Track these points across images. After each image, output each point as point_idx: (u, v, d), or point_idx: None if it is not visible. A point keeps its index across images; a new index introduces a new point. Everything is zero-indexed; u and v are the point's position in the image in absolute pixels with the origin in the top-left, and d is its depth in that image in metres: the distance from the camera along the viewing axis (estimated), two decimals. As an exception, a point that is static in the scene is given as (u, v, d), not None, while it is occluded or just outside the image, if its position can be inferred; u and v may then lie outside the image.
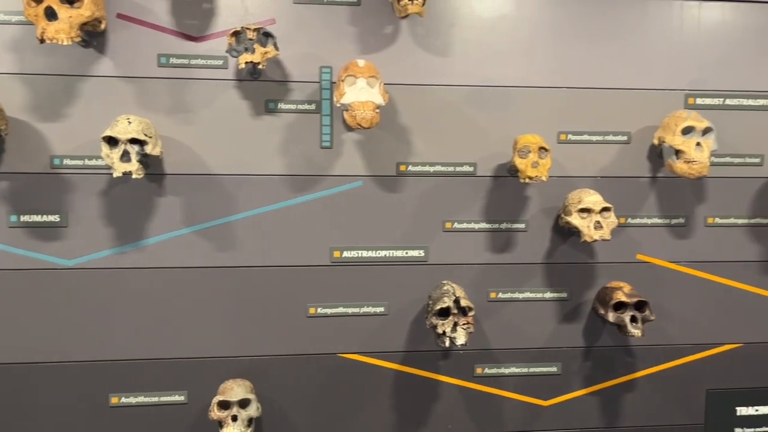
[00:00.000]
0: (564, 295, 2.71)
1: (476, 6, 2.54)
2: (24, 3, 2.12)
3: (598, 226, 2.42)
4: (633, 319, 2.51)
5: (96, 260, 2.46)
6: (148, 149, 2.24)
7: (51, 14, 2.10)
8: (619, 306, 2.54)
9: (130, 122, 2.21)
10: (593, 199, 2.45)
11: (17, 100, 2.35)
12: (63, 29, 2.09)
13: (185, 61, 2.42)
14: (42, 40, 2.10)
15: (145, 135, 2.23)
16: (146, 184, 2.45)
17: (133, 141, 2.21)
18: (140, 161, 2.22)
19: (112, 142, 2.20)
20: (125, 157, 2.20)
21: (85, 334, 2.50)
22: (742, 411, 2.85)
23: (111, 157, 2.19)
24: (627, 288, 2.58)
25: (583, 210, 2.45)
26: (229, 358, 2.58)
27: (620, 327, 2.53)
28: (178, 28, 2.41)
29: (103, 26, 2.27)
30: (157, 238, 2.49)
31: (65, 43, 2.10)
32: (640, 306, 2.53)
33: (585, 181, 2.64)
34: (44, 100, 2.37)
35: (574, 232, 2.55)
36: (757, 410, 2.86)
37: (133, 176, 2.20)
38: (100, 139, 2.20)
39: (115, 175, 2.19)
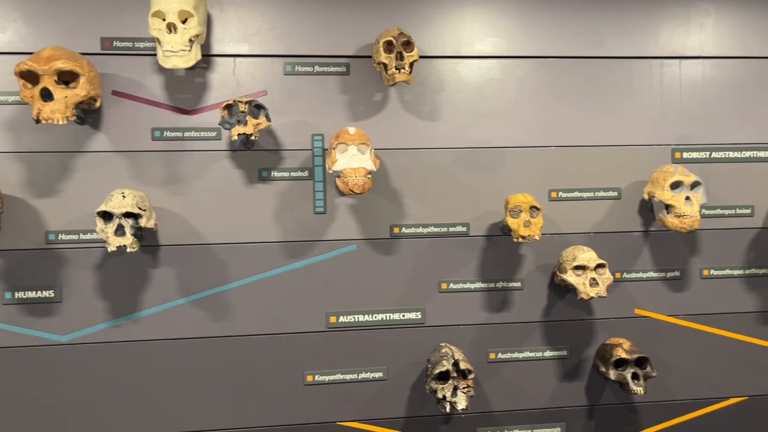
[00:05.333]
0: (564, 353, 2.68)
1: (462, 72, 2.61)
2: (20, 85, 2.17)
3: (593, 283, 2.42)
4: (634, 376, 2.48)
5: (90, 335, 2.44)
6: (143, 222, 2.25)
7: (47, 95, 2.15)
8: (620, 363, 2.51)
9: (124, 197, 2.23)
10: (587, 256, 2.45)
11: (13, 178, 2.38)
12: (59, 109, 2.13)
13: (179, 134, 2.46)
14: (38, 120, 2.14)
15: (140, 208, 2.24)
16: (141, 256, 2.45)
17: (128, 215, 2.23)
18: (134, 235, 2.23)
19: (106, 216, 2.22)
20: (120, 231, 2.21)
21: (80, 410, 2.46)
22: (753, 467, 2.79)
23: (105, 231, 2.20)
24: (627, 344, 2.56)
25: (577, 267, 2.45)
26: (227, 429, 2.54)
27: (622, 384, 2.50)
28: (172, 102, 2.46)
29: (98, 104, 2.32)
30: (151, 309, 2.48)
31: (61, 122, 2.14)
32: (641, 362, 2.51)
33: (578, 237, 2.66)
34: (39, 176, 2.40)
35: (570, 289, 2.55)
36: (768, 465, 2.79)
37: (128, 250, 2.21)
38: (94, 214, 2.22)
39: (109, 250, 2.19)
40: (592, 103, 2.67)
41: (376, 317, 2.60)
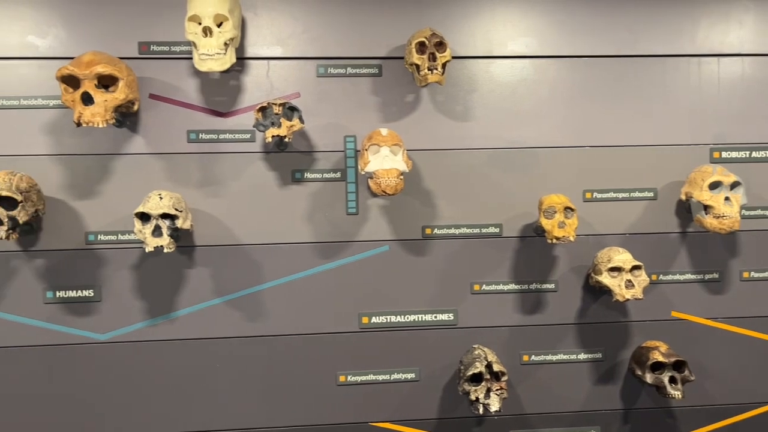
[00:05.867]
0: (599, 355, 2.65)
1: (494, 72, 2.59)
2: (61, 89, 2.22)
3: (629, 284, 2.39)
4: (672, 380, 2.44)
5: (128, 333, 2.49)
6: (179, 223, 2.29)
7: (87, 99, 2.20)
8: (657, 366, 2.47)
9: (161, 198, 2.27)
10: (623, 257, 2.42)
11: (54, 180, 2.44)
12: (99, 113, 2.18)
13: (214, 136, 2.50)
14: (78, 124, 2.19)
15: (176, 210, 2.28)
16: (177, 256, 2.49)
17: (165, 216, 2.26)
18: (171, 235, 2.26)
19: (144, 217, 2.26)
20: (157, 231, 2.25)
21: (118, 407, 2.51)
22: (796, 474, 2.71)
23: (143, 232, 2.24)
24: (663, 347, 2.52)
25: (613, 269, 2.42)
26: (260, 428, 2.56)
27: (659, 388, 2.46)
28: (207, 104, 2.50)
29: (136, 107, 2.36)
30: (187, 309, 2.52)
31: (101, 125, 2.19)
32: (678, 366, 2.46)
33: (613, 238, 2.62)
34: (79, 179, 2.45)
35: (605, 291, 2.51)
36: (811, 473, 2.72)
37: (165, 250, 2.24)
38: (132, 216, 2.26)
39: (147, 250, 2.23)
40: (627, 102, 2.64)
41: (408, 318, 2.60)
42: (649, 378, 2.47)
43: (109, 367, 2.49)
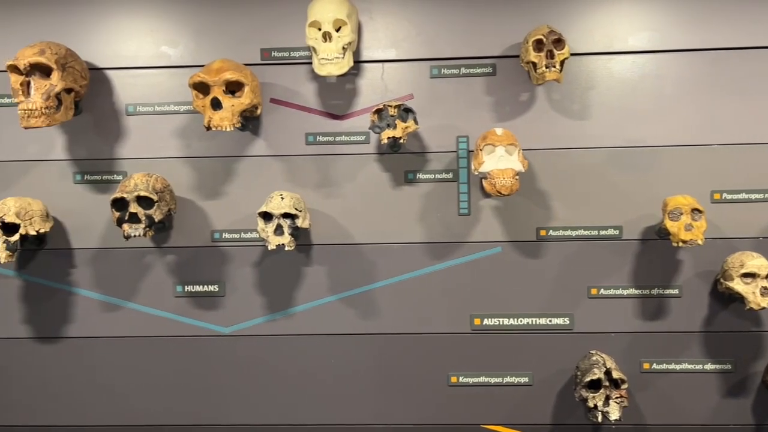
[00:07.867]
0: (728, 366, 2.49)
1: (614, 68, 2.50)
2: (193, 95, 2.36)
3: (765, 292, 2.23)
4: (814, 396, 2.25)
5: (250, 327, 2.61)
6: (299, 222, 2.37)
7: (216, 104, 2.32)
8: (796, 381, 2.30)
9: (282, 198, 2.36)
10: (758, 263, 2.26)
11: (184, 181, 2.59)
12: (226, 117, 2.30)
13: (330, 139, 2.57)
14: (208, 128, 2.32)
15: (296, 209, 2.36)
16: (295, 254, 2.58)
17: (286, 215, 2.35)
18: (292, 234, 2.35)
19: (266, 217, 2.36)
20: (278, 230, 2.34)
21: (238, 397, 2.63)
22: None
23: (266, 231, 2.34)
24: (804, 360, 2.33)
25: (746, 275, 2.27)
26: (372, 425, 2.61)
27: (799, 404, 2.28)
28: (324, 108, 2.57)
29: (259, 111, 2.48)
30: (304, 306, 2.60)
31: (228, 129, 2.31)
32: (821, 381, 2.28)
33: (745, 242, 2.46)
34: (206, 180, 2.59)
35: (735, 298, 2.36)
36: None
37: (286, 248, 2.33)
38: (256, 215, 2.36)
39: (269, 248, 2.33)
40: (760, 97, 2.46)
41: (521, 321, 2.56)
42: (787, 393, 2.30)
43: (231, 358, 2.62)
